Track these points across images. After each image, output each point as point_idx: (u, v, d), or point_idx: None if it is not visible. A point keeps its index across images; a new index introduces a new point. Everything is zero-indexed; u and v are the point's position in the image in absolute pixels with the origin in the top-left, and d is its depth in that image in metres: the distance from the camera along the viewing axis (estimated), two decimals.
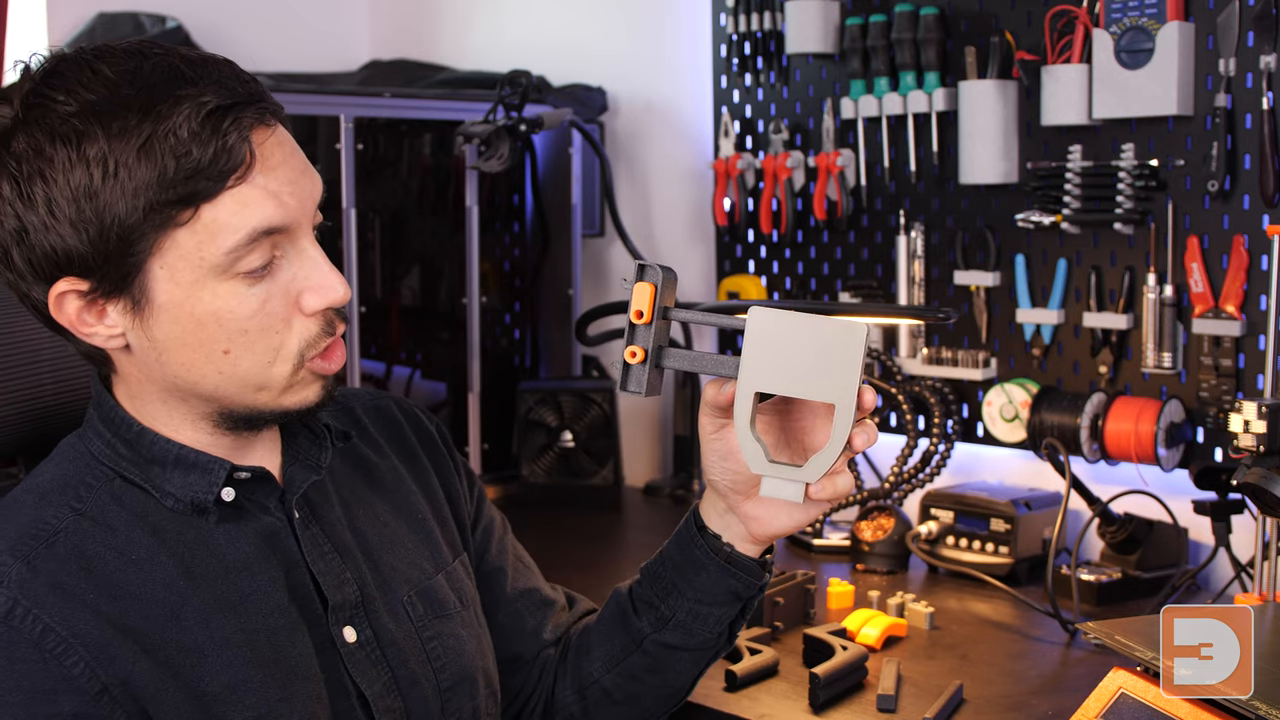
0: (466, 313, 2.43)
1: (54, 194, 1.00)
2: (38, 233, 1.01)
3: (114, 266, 1.02)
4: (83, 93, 1.00)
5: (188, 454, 1.10)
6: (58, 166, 0.99)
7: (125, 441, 1.11)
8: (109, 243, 1.00)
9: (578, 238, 2.54)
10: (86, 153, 0.99)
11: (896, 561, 2.00)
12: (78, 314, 1.05)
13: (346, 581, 1.16)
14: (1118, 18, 1.92)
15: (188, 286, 1.03)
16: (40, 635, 1.01)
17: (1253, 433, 1.53)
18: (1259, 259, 1.85)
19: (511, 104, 2.28)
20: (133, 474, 1.10)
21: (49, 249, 1.02)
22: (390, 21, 3.07)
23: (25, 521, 1.06)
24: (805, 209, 2.32)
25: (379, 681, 1.15)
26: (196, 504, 1.10)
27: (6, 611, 1.01)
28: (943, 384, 2.17)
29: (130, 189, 0.99)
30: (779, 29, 2.32)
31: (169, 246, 1.02)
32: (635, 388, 1.08)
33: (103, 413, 1.12)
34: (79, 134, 0.99)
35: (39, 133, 0.99)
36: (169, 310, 1.04)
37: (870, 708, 1.48)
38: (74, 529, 1.06)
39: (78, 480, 1.10)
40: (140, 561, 1.07)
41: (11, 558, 1.03)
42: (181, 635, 1.06)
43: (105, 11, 2.57)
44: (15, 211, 1.01)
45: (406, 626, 1.19)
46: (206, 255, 1.02)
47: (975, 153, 2.07)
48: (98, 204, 0.99)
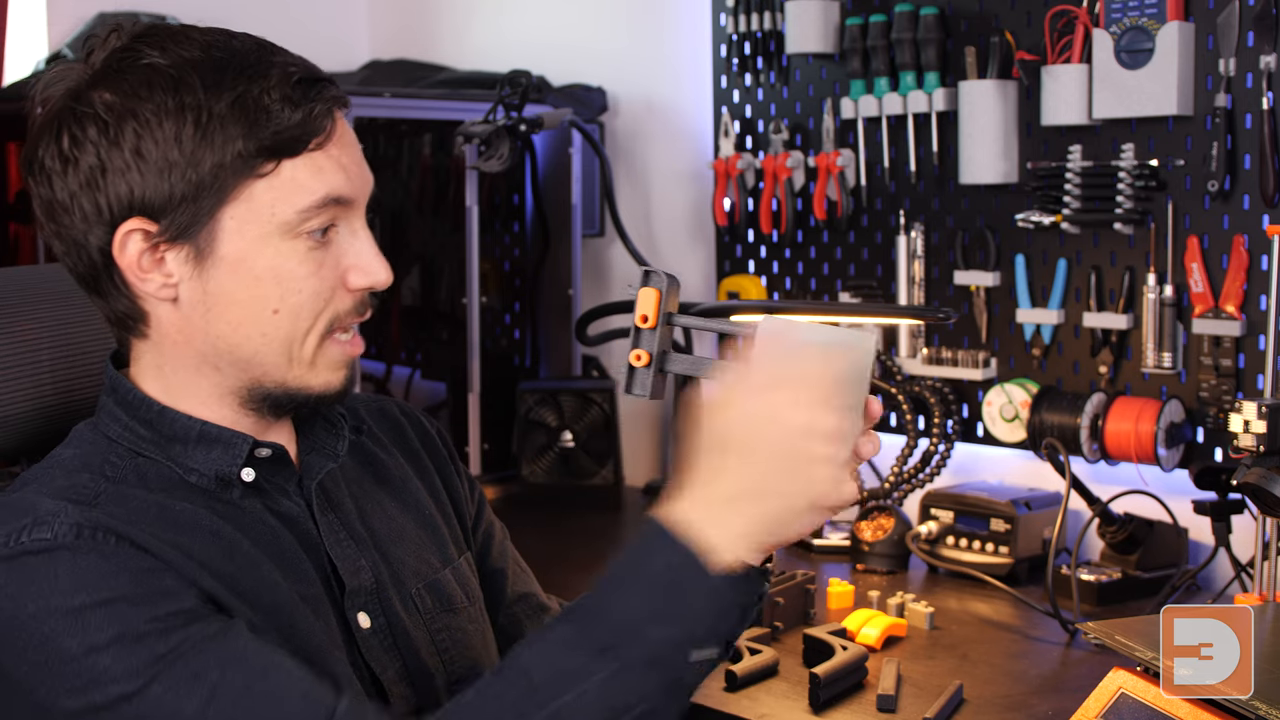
0: (466, 313, 2.43)
1: (144, 135, 1.04)
2: (117, 172, 1.05)
3: (187, 211, 1.05)
4: (177, 50, 1.06)
5: (210, 429, 1.11)
6: (150, 110, 1.04)
7: (144, 422, 1.12)
8: (189, 185, 1.05)
9: (578, 238, 2.54)
10: (183, 99, 1.04)
11: (896, 561, 2.00)
12: (139, 256, 1.07)
13: (362, 569, 1.17)
14: (1118, 18, 1.92)
15: (252, 240, 1.07)
16: (116, 541, 1.01)
17: (1253, 433, 1.53)
18: (1259, 259, 1.85)
19: (511, 104, 2.28)
20: (153, 453, 1.11)
21: (126, 189, 1.05)
22: (390, 21, 3.07)
23: (60, 487, 1.07)
24: (805, 209, 2.33)
25: (392, 668, 1.16)
26: (222, 476, 1.11)
27: (77, 532, 1.01)
28: (943, 384, 2.17)
29: (221, 137, 1.04)
30: (779, 29, 2.32)
31: (244, 197, 1.06)
32: (640, 391, 1.10)
33: (119, 396, 1.13)
34: (175, 82, 1.04)
35: (133, 80, 1.05)
36: (229, 262, 1.07)
37: (870, 708, 1.48)
38: (112, 492, 1.07)
39: (100, 459, 1.10)
40: (184, 514, 1.08)
41: (63, 501, 1.03)
42: (238, 572, 1.07)
43: (105, 11, 2.57)
44: (97, 150, 1.05)
45: (416, 618, 1.20)
46: (279, 210, 1.07)
47: (975, 153, 2.07)
48: (186, 148, 1.04)
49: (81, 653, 0.97)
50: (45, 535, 1.00)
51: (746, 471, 0.99)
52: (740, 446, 1.00)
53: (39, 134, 1.08)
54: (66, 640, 0.98)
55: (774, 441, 0.99)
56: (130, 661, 0.98)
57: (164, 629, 0.99)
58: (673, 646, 0.99)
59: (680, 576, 0.99)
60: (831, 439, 0.99)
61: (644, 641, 0.98)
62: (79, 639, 0.98)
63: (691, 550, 0.99)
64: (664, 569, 0.99)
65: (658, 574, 0.99)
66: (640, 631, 0.98)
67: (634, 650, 0.98)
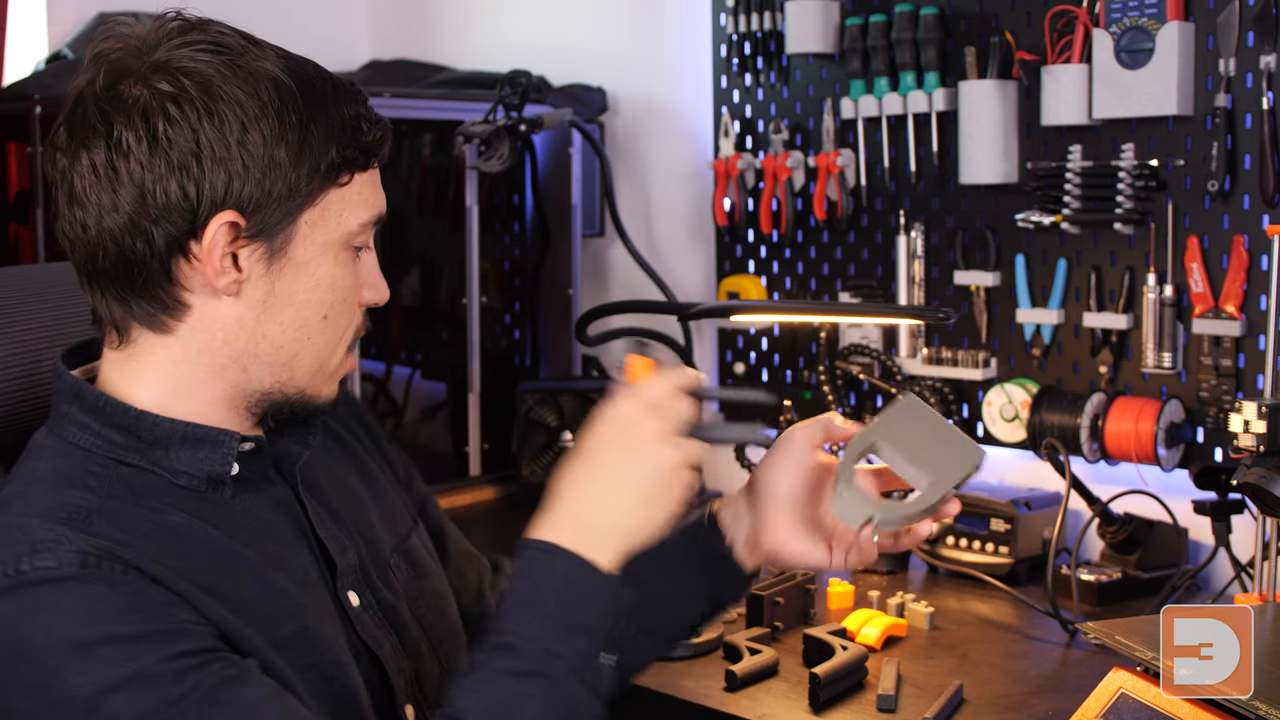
0: (466, 313, 2.43)
1: (250, 130, 1.05)
2: (217, 163, 1.04)
3: (276, 210, 1.07)
4: (271, 64, 1.08)
5: (196, 430, 1.09)
6: (257, 107, 1.05)
7: (120, 428, 1.08)
8: (287, 186, 1.06)
9: (578, 238, 2.54)
10: (287, 103, 1.06)
11: (896, 561, 2.00)
12: (222, 248, 1.06)
13: (347, 548, 1.17)
14: (1118, 18, 1.92)
15: (319, 246, 1.10)
16: (123, 570, 0.99)
17: (1253, 433, 1.53)
18: (1259, 259, 1.85)
19: (511, 104, 2.28)
20: (135, 460, 1.08)
21: (224, 180, 1.05)
22: (390, 21, 3.07)
23: (47, 506, 1.02)
24: (805, 209, 2.33)
25: (387, 642, 1.16)
26: (214, 477, 1.10)
27: (82, 560, 0.98)
28: (943, 384, 2.17)
29: (319, 144, 1.07)
30: (779, 29, 2.32)
31: (321, 204, 1.09)
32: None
33: (85, 403, 1.09)
34: (280, 86, 1.06)
35: (241, 81, 1.05)
36: (297, 265, 1.09)
37: (870, 708, 1.48)
38: (102, 509, 1.04)
39: (82, 470, 1.07)
40: (179, 528, 1.06)
41: (58, 525, 1.00)
42: (241, 588, 1.05)
43: (105, 11, 2.57)
44: (197, 137, 1.04)
45: (395, 589, 1.21)
46: (344, 222, 1.10)
47: (975, 153, 2.07)
48: (292, 150, 1.06)
49: (93, 692, 0.94)
50: (49, 564, 0.97)
51: (602, 479, 1.08)
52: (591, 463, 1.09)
53: (116, 109, 1.05)
54: (76, 677, 0.94)
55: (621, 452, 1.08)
56: (143, 703, 0.94)
57: (179, 671, 0.96)
58: (586, 656, 1.04)
59: (580, 587, 1.05)
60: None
61: (562, 658, 1.03)
62: (90, 676, 0.94)
63: (582, 558, 1.05)
64: (562, 582, 1.05)
65: (557, 591, 1.05)
66: (555, 649, 1.03)
67: (557, 667, 1.02)
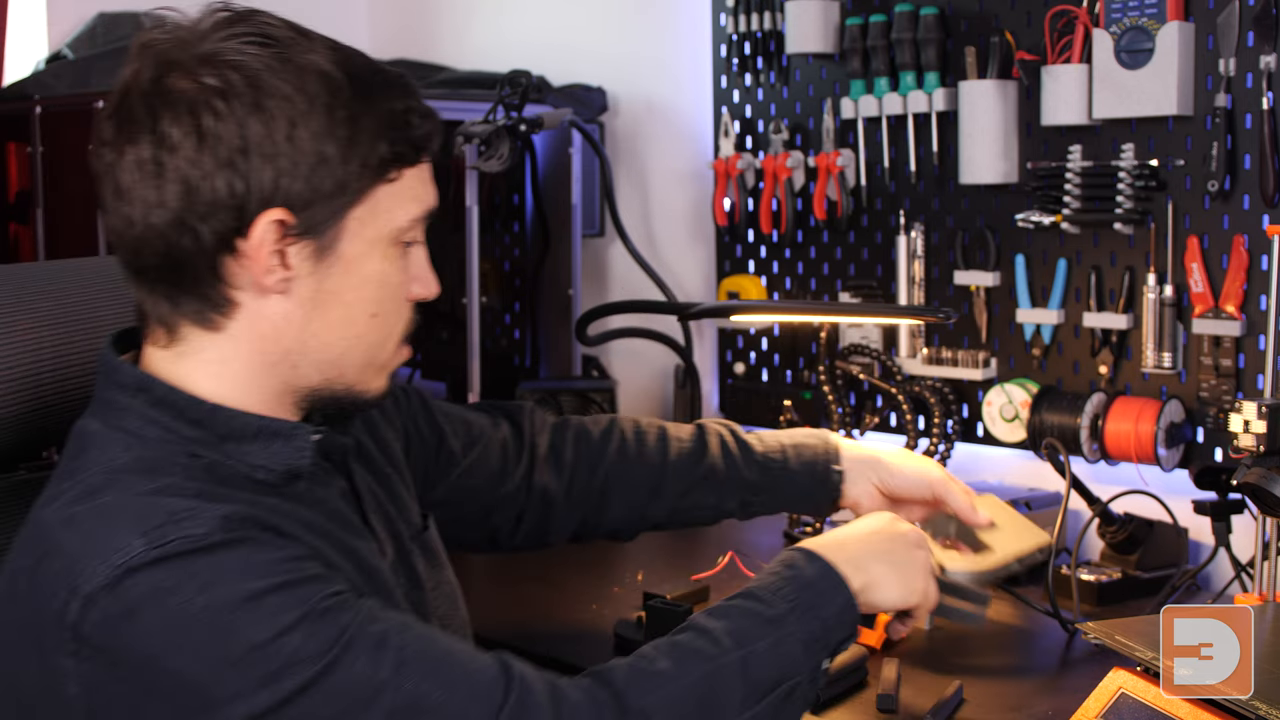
0: (466, 313, 2.43)
1: (299, 125, 1.03)
2: (265, 159, 1.02)
3: (324, 207, 1.05)
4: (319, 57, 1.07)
5: (270, 424, 1.09)
6: (305, 102, 1.04)
7: (192, 422, 1.07)
8: (335, 182, 1.05)
9: (578, 238, 2.54)
10: (335, 97, 1.05)
11: None
12: (270, 246, 1.05)
13: (395, 534, 1.19)
14: (1118, 18, 1.92)
15: (367, 243, 1.09)
16: (261, 529, 1.00)
17: (1253, 433, 1.53)
18: (1259, 259, 1.85)
19: (511, 104, 2.28)
20: (209, 453, 1.07)
21: (272, 176, 1.03)
22: (390, 21, 3.07)
23: (154, 487, 1.01)
24: (805, 209, 2.33)
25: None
26: (292, 470, 1.10)
27: (225, 524, 0.98)
28: (943, 384, 2.17)
29: (369, 139, 1.06)
30: (779, 29, 2.32)
31: (370, 200, 1.08)
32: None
33: (154, 396, 1.08)
34: (328, 80, 1.05)
35: (289, 75, 1.04)
36: (346, 262, 1.08)
37: (870, 708, 1.48)
38: (203, 490, 1.03)
39: (165, 460, 1.05)
40: (276, 508, 1.06)
41: (179, 498, 1.00)
42: (343, 561, 1.08)
43: (105, 11, 2.57)
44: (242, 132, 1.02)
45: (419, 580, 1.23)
46: (394, 218, 1.10)
47: (975, 153, 2.07)
48: (341, 145, 1.05)
49: (271, 637, 0.95)
50: (196, 530, 0.97)
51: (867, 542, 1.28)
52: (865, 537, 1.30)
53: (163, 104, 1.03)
54: (251, 629, 0.95)
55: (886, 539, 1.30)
56: (322, 637, 0.96)
57: (342, 603, 0.99)
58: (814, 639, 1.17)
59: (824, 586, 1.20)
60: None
61: (797, 629, 1.15)
62: (266, 624, 0.95)
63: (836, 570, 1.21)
64: (815, 577, 1.20)
65: (809, 580, 1.20)
66: (795, 617, 1.16)
67: (791, 626, 1.15)
